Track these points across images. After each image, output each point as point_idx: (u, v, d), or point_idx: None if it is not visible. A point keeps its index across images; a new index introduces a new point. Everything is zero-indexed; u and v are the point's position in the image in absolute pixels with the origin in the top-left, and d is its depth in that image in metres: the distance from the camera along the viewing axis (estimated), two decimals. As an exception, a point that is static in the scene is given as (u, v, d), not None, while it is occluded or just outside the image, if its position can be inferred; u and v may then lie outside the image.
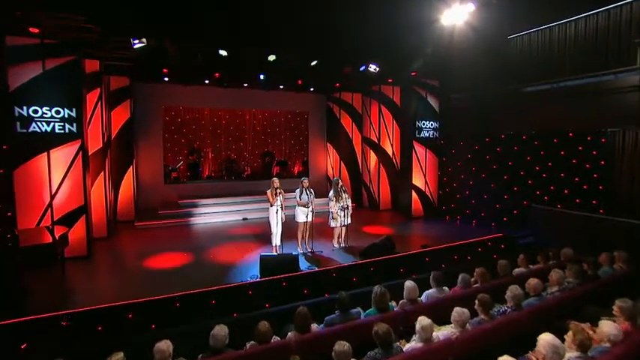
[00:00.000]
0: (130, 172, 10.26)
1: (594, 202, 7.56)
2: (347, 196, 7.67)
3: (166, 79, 10.44)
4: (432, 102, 10.79)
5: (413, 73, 10.44)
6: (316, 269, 6.17)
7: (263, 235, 8.66)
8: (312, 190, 7.34)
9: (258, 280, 5.70)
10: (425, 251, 7.03)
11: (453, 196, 10.46)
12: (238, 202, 11.16)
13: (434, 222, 10.27)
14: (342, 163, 13.25)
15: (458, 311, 3.64)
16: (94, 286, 6.05)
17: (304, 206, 7.24)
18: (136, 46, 7.36)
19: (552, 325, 3.90)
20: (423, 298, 4.57)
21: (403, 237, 8.61)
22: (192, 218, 10.26)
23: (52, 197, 6.75)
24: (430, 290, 4.63)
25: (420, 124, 10.48)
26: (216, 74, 9.47)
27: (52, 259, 6.00)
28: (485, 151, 9.53)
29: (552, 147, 8.14)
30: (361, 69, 9.91)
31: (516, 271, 5.50)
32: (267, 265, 5.95)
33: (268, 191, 6.97)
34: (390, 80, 11.08)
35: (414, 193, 10.66)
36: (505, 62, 9.14)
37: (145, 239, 8.55)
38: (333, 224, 7.67)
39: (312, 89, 12.70)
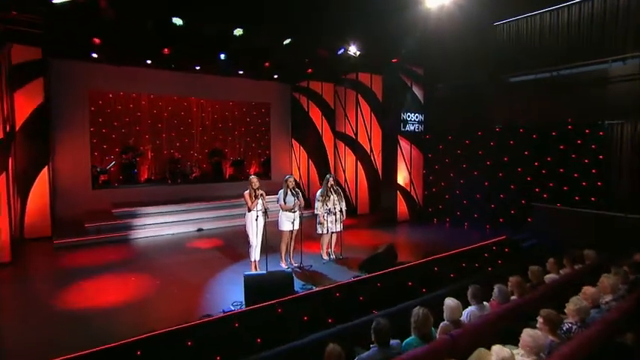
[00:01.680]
0: (44, 173, 8.55)
1: (593, 198, 7.72)
2: (338, 197, 6.94)
3: (95, 54, 8.85)
4: (417, 92, 10.55)
5: (394, 60, 10.10)
6: (315, 289, 5.33)
7: (228, 249, 7.72)
8: (298, 191, 6.49)
9: (245, 308, 4.71)
10: (431, 260, 6.57)
11: (441, 197, 10.26)
12: (190, 210, 9.99)
13: (422, 226, 9.96)
14: (310, 161, 12.53)
15: (532, 335, 3.11)
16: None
17: (290, 211, 6.36)
18: (55, 0, 5.92)
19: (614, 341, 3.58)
20: (464, 317, 4.07)
21: (395, 245, 8.09)
22: (132, 231, 8.84)
23: None
24: (471, 308, 4.18)
25: (405, 116, 10.15)
26: (166, 50, 8.17)
27: None
28: (477, 145, 9.43)
29: (551, 141, 8.21)
30: (339, 52, 9.32)
31: (548, 277, 5.26)
32: (254, 286, 4.98)
33: (246, 193, 5.98)
34: (364, 68, 10.64)
35: (398, 195, 10.26)
36: (494, 50, 9.16)
37: (68, 262, 6.99)
38: (319, 231, 6.93)
39: (275, 76, 11.84)
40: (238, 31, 7.77)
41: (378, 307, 5.00)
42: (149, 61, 9.57)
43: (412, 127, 10.34)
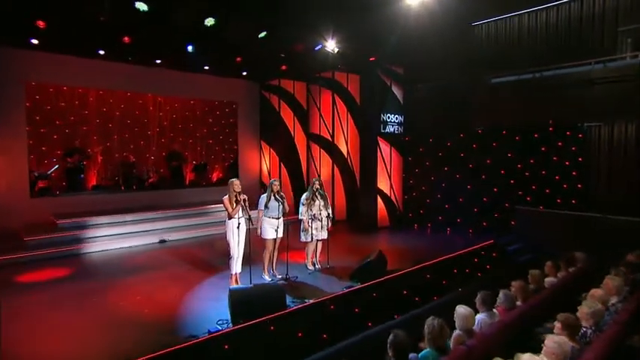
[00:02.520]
0: (-30, 178, 7.55)
1: (573, 201, 8.13)
2: (324, 202, 6.75)
3: (35, 40, 8.02)
4: (397, 92, 10.64)
5: (372, 58, 10.14)
6: (309, 302, 5.07)
7: (200, 261, 7.26)
8: (283, 195, 6.21)
9: (233, 327, 4.36)
10: (423, 267, 6.57)
11: (422, 201, 10.36)
12: (150, 220, 9.33)
13: (403, 232, 9.97)
14: (282, 165, 12.25)
15: (557, 341, 3.09)
16: None
17: (274, 218, 6.09)
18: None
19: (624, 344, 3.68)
20: (475, 326, 4.02)
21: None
22: (82, 245, 8.08)
23: None
24: (480, 315, 4.16)
25: (384, 117, 10.19)
26: (126, 39, 7.57)
27: None
28: (459, 148, 9.61)
29: (533, 143, 8.55)
30: (316, 48, 9.19)
31: (547, 280, 5.40)
32: (241, 302, 4.64)
33: (225, 198, 5.60)
34: (340, 66, 10.58)
35: (379, 199, 10.24)
36: (475, 50, 9.47)
37: (2, 283, 6.16)
38: (303, 238, 6.70)
39: (244, 73, 11.47)
40: (210, 21, 7.40)
41: (375, 319, 4.88)
42: (102, 52, 8.86)
43: (392, 129, 10.41)
